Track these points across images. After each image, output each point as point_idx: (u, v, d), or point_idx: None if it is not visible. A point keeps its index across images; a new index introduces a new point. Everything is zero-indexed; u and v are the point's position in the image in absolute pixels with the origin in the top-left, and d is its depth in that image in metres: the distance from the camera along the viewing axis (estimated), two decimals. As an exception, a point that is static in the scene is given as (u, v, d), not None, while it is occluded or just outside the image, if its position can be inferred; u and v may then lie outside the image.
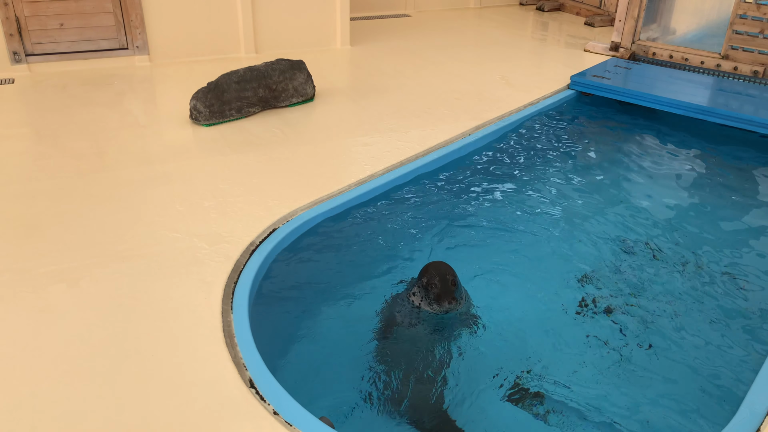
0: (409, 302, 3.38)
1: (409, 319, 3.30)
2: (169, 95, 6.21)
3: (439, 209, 4.61)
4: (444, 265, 3.38)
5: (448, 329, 3.31)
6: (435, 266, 3.37)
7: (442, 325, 3.31)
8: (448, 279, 3.29)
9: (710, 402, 3.10)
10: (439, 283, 3.27)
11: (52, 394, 2.64)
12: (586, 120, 6.59)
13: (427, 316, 3.30)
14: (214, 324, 3.06)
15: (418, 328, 3.27)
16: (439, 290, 3.26)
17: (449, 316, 3.33)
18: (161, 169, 4.60)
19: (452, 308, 3.29)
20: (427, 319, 3.30)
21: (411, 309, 3.35)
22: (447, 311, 3.29)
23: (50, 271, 3.40)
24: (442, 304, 3.25)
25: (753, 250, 4.38)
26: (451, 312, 3.32)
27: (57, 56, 6.58)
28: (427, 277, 3.32)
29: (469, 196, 4.84)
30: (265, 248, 3.70)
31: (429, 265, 3.40)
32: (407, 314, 3.33)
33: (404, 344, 3.22)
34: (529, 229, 4.46)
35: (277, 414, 2.58)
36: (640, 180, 5.36)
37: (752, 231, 4.66)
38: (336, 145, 5.22)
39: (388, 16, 10.23)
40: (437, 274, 3.30)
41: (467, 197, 4.82)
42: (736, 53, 7.28)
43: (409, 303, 3.38)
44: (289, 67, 5.86)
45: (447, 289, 3.26)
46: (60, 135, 5.08)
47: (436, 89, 6.67)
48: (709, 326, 3.60)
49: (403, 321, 3.30)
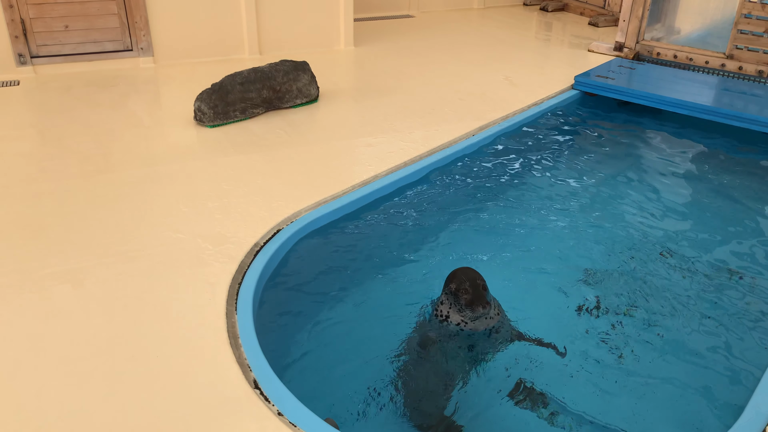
0: (436, 317, 3.23)
1: (440, 333, 3.17)
2: (174, 96, 6.23)
3: (443, 210, 4.60)
4: (472, 270, 3.22)
5: (481, 345, 3.18)
6: (463, 271, 3.21)
7: (474, 340, 3.18)
8: (478, 283, 3.13)
9: (716, 402, 3.09)
10: (470, 288, 3.11)
11: (57, 394, 2.65)
12: (590, 120, 6.57)
13: (456, 332, 3.16)
14: (219, 325, 3.07)
15: (449, 344, 3.14)
16: (471, 295, 3.09)
17: (481, 334, 3.19)
18: (165, 170, 4.61)
19: (485, 314, 3.15)
20: (459, 335, 3.16)
21: (440, 324, 3.20)
22: (478, 317, 3.15)
23: (55, 272, 3.41)
24: (475, 309, 3.09)
25: (758, 249, 4.36)
26: (483, 319, 3.18)
27: (62, 58, 6.60)
28: (455, 282, 3.15)
29: (473, 198, 4.83)
30: (269, 249, 3.70)
31: (456, 271, 3.23)
32: (437, 329, 3.19)
33: (434, 360, 3.10)
34: (532, 230, 4.45)
35: (281, 415, 2.58)
36: (644, 180, 5.35)
37: (757, 230, 4.64)
38: (340, 145, 5.23)
39: (391, 17, 10.24)
40: (467, 279, 3.14)
41: (471, 198, 4.82)
42: (741, 53, 7.26)
43: (436, 318, 3.23)
44: (292, 68, 5.86)
45: (478, 294, 3.11)
46: (65, 136, 5.10)
47: (440, 90, 6.67)
48: (714, 326, 3.59)
49: (439, 337, 3.16)
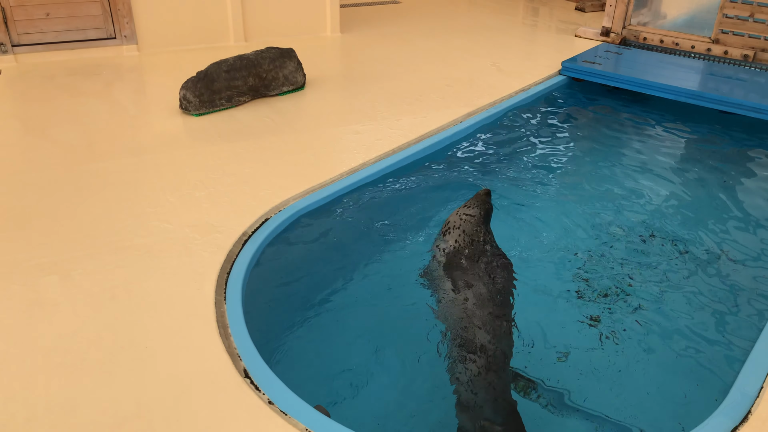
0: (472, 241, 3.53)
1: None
2: (159, 85, 6.16)
3: (431, 197, 4.60)
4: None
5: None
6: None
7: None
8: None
9: (703, 385, 3.13)
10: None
11: (45, 386, 2.64)
12: (578, 105, 6.58)
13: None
14: (208, 315, 3.06)
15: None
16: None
17: None
18: (152, 160, 4.57)
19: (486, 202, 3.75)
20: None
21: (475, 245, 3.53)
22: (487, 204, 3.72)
23: (41, 264, 3.38)
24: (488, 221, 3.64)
25: (743, 233, 4.41)
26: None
27: (44, 46, 6.50)
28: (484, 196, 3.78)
29: (461, 184, 4.83)
30: (257, 238, 3.69)
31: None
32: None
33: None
34: (520, 217, 4.47)
35: (272, 403, 2.58)
36: (631, 164, 5.37)
37: (743, 214, 4.68)
38: (327, 133, 5.20)
39: (378, 2, 10.17)
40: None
41: (460, 185, 4.82)
42: (727, 37, 7.29)
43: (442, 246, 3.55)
44: (279, 55, 5.82)
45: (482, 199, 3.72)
46: (48, 126, 5.03)
47: (428, 76, 6.64)
48: (701, 311, 3.63)
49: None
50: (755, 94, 6.17)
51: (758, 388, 2.80)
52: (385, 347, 3.26)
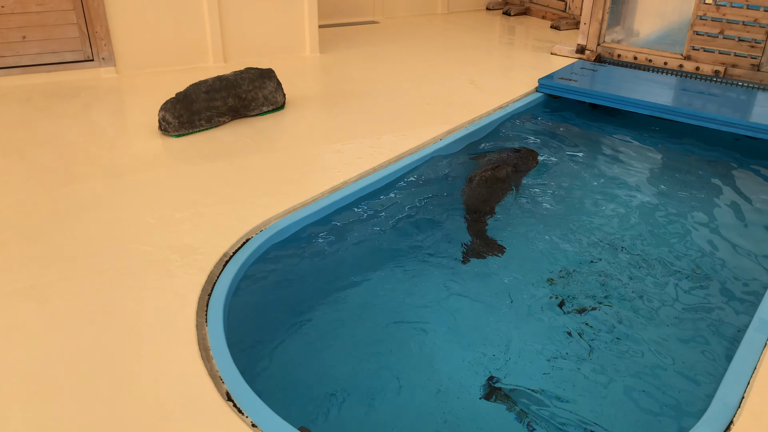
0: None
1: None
2: (137, 106, 6.14)
3: (413, 215, 4.62)
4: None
5: None
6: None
7: None
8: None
9: (685, 396, 3.15)
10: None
11: (22, 414, 2.58)
12: (555, 122, 6.68)
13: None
14: (189, 337, 3.02)
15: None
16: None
17: None
18: (131, 182, 4.54)
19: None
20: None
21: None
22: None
23: (18, 289, 3.32)
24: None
25: (720, 245, 4.47)
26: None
27: (20, 69, 6.45)
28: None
29: (442, 201, 4.86)
30: (238, 259, 3.67)
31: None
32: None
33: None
34: (500, 232, 4.50)
35: (255, 426, 2.55)
36: (608, 179, 5.45)
37: (718, 227, 4.76)
38: (308, 152, 5.21)
39: (356, 23, 10.26)
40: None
41: (441, 202, 4.84)
42: (698, 53, 7.46)
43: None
44: (258, 75, 5.83)
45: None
46: (25, 149, 4.98)
47: (407, 94, 6.70)
48: (680, 324, 3.67)
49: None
50: (727, 109, 6.31)
51: (739, 398, 2.83)
52: (370, 367, 3.24)
